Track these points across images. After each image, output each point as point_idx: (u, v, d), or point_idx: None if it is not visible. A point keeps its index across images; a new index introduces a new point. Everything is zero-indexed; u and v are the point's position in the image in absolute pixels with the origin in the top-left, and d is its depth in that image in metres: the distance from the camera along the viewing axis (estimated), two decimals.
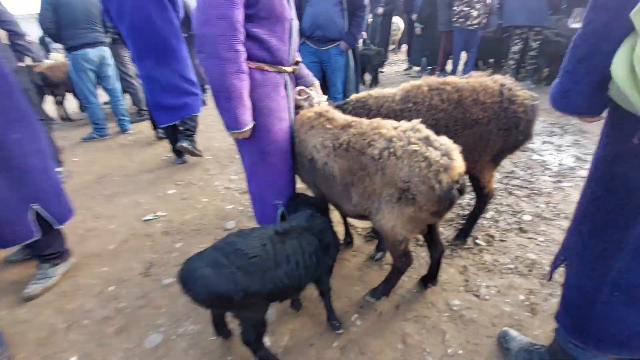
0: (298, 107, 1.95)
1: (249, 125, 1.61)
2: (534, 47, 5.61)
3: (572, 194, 2.73)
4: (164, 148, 4.25)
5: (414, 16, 7.19)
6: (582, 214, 1.05)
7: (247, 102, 1.57)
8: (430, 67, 7.43)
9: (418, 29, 6.94)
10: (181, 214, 2.82)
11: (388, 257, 2.13)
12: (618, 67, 0.73)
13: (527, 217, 2.49)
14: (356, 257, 2.20)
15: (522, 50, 5.73)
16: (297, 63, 1.85)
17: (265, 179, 1.83)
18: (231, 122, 1.58)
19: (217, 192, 3.17)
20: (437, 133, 1.45)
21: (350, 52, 3.58)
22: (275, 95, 1.69)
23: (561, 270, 1.23)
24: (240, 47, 1.49)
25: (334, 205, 1.83)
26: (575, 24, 7.74)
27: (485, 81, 1.76)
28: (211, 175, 3.54)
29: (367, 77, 6.88)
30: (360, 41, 8.19)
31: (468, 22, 5.88)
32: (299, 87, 1.92)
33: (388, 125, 1.49)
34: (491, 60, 7.16)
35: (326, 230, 1.59)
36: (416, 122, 1.49)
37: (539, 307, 1.76)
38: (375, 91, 1.98)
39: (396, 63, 9.38)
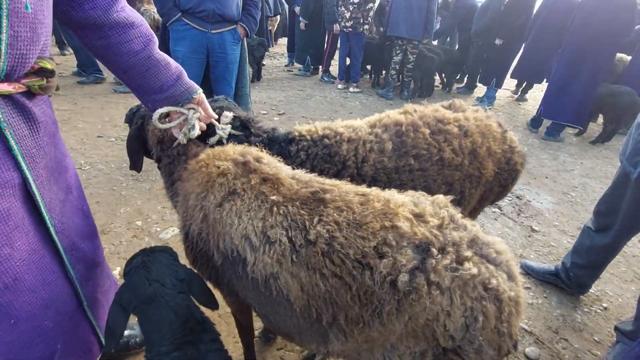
0: (165, 145, 1.07)
1: None
2: (411, 60, 5.85)
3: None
4: None
5: (297, 9, 6.62)
6: None
7: None
8: (313, 67, 7.04)
9: (302, 24, 6.40)
10: None
11: None
12: None
13: None
14: None
15: (402, 62, 5.91)
16: (43, 71, 0.75)
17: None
18: None
19: None
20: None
21: (244, 43, 2.74)
22: None
23: None
24: None
25: (282, 335, 1.02)
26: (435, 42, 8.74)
27: (481, 118, 1.26)
28: None
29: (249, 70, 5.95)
30: None
31: (343, 24, 5.71)
32: (162, 110, 1.00)
33: (403, 209, 0.79)
34: (368, 67, 7.28)
35: None
36: (443, 200, 0.84)
37: None
38: (345, 126, 1.22)
39: (274, 56, 8.66)
